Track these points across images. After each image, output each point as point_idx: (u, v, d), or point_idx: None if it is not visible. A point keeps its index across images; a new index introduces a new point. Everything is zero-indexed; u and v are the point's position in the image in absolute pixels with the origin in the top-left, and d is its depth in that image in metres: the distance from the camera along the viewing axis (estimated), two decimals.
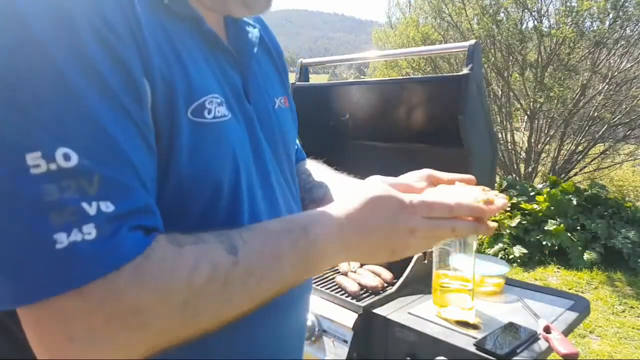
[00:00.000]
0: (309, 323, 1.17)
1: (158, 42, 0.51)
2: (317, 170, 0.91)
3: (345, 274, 1.34)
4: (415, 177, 0.75)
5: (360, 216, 0.57)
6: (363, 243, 0.57)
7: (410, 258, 1.29)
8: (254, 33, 0.69)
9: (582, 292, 3.64)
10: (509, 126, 6.41)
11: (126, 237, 0.42)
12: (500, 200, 0.63)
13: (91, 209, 0.41)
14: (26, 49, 0.41)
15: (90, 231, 0.40)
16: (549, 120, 6.16)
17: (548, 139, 6.30)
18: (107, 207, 0.41)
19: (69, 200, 0.40)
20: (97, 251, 0.40)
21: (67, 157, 0.40)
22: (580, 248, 4.18)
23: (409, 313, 1.12)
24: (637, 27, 5.72)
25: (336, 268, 1.42)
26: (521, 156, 6.48)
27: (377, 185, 0.59)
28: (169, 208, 0.51)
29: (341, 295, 1.22)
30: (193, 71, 0.54)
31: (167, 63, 0.51)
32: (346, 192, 0.65)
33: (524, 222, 4.46)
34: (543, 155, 6.49)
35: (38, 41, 0.41)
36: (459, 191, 0.67)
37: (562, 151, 6.35)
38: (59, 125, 0.41)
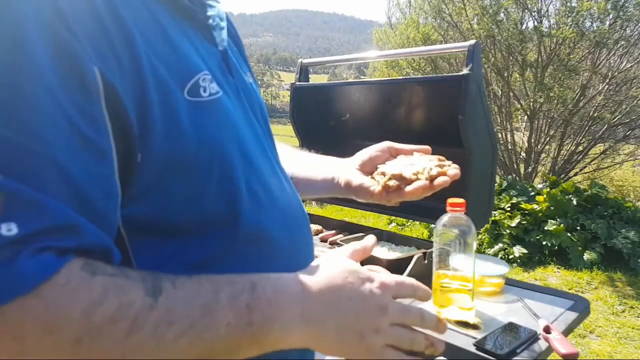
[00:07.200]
0: None
1: (144, 27, 0.50)
2: (284, 151, 0.90)
3: None
4: (374, 150, 0.79)
5: (329, 284, 0.51)
6: (328, 317, 0.49)
7: (410, 258, 1.29)
8: (219, 7, 0.67)
9: (582, 292, 3.64)
10: (509, 126, 6.41)
11: (26, 264, 0.38)
12: (452, 170, 0.68)
13: None
14: None
15: None
16: (549, 121, 6.16)
17: (548, 139, 6.30)
18: (10, 229, 0.37)
19: None
20: None
21: None
22: (580, 248, 4.18)
23: None
24: (637, 27, 5.72)
25: None
26: (521, 156, 6.48)
27: (348, 260, 0.56)
28: (174, 170, 0.50)
29: None
30: (183, 50, 0.54)
31: (155, 46, 0.50)
32: (313, 263, 0.57)
33: (524, 222, 4.46)
34: (543, 155, 6.49)
35: None
36: (417, 160, 0.73)
37: (562, 151, 6.35)
38: None
